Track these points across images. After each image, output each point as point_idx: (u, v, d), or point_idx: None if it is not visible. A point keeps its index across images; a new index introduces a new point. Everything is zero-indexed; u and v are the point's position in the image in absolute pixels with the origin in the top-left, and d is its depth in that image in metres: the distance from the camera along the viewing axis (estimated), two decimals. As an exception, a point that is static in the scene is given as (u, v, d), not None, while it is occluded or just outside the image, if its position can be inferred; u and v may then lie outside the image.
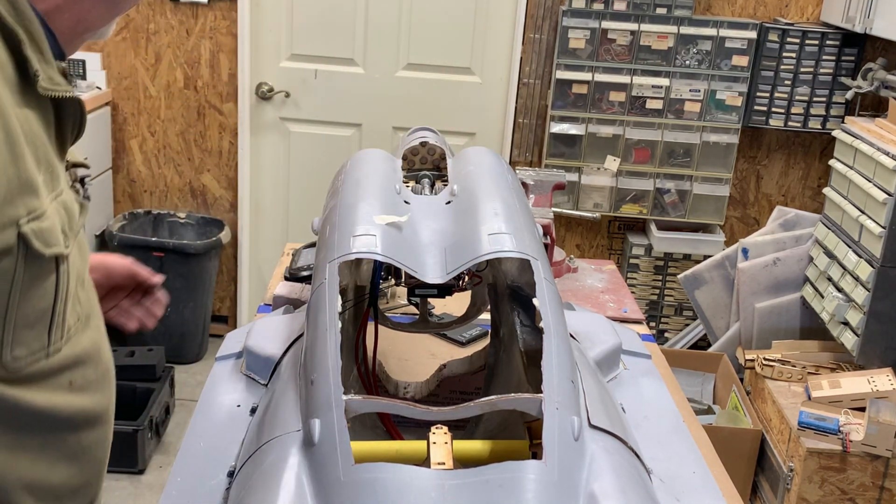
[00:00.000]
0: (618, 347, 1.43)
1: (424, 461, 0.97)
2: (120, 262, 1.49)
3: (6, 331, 0.95)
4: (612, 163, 3.56)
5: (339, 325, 1.07)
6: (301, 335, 1.35)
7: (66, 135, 1.04)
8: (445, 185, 1.51)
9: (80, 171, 1.12)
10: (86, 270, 1.12)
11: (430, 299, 1.70)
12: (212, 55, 3.67)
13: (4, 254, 0.91)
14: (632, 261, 3.72)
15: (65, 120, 1.03)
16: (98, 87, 3.66)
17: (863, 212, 2.89)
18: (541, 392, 0.99)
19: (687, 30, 3.44)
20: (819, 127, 3.55)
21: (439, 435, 0.99)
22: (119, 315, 1.54)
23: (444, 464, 0.95)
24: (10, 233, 0.91)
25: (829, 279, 3.06)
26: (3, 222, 0.90)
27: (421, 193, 1.48)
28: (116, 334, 1.33)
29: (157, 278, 1.53)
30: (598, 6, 3.42)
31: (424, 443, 0.99)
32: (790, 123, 3.55)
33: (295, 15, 3.64)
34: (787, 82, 3.50)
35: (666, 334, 3.80)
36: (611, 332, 1.45)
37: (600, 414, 1.04)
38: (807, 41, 3.45)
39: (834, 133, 3.20)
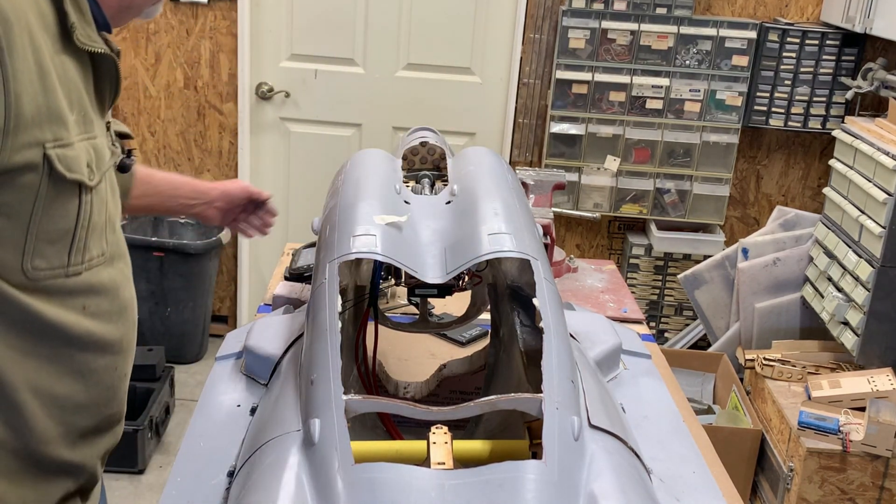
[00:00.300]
0: (618, 347, 1.43)
1: (424, 461, 0.97)
2: (236, 185, 1.83)
3: (28, 241, 1.09)
4: (612, 163, 3.56)
5: (339, 325, 1.07)
6: (301, 335, 1.35)
7: (104, 91, 1.19)
8: (445, 185, 1.51)
9: (126, 144, 1.32)
10: (117, 219, 1.26)
11: (430, 299, 1.70)
12: (212, 55, 3.67)
13: (30, 169, 1.05)
14: (632, 261, 3.73)
15: (102, 76, 1.18)
16: (98, 87, 3.66)
17: (863, 212, 2.89)
18: (541, 392, 0.99)
19: (687, 30, 3.44)
20: (819, 127, 3.55)
21: (439, 435, 0.99)
22: (239, 226, 1.88)
23: (444, 464, 0.95)
24: (36, 152, 1.05)
25: (829, 279, 3.06)
26: (30, 141, 1.04)
27: (421, 193, 1.48)
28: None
29: (267, 193, 1.87)
30: (598, 6, 3.42)
31: (424, 443, 0.99)
32: (790, 123, 3.55)
33: (295, 15, 3.64)
34: (787, 82, 3.50)
35: (666, 334, 3.80)
36: (611, 332, 1.45)
37: (600, 414, 1.04)
38: (807, 41, 3.45)
39: (834, 133, 3.20)
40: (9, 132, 1.03)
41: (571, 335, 1.33)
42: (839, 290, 2.99)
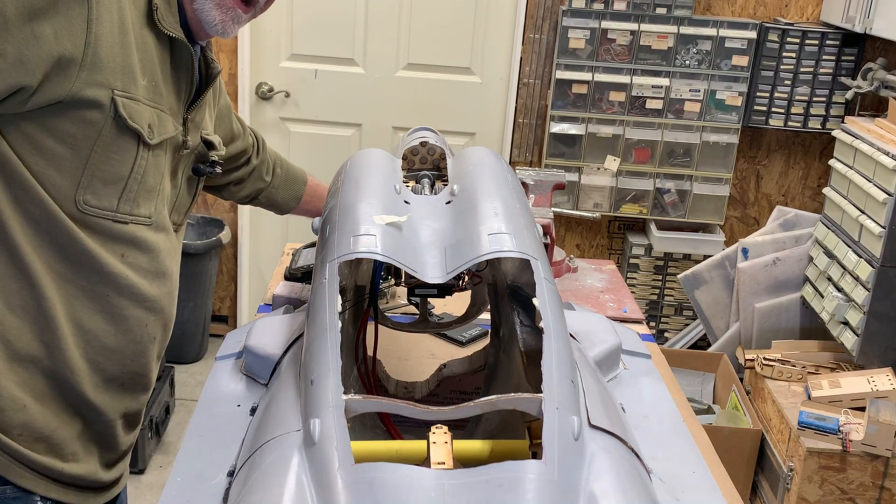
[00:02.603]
0: (618, 347, 1.43)
1: (424, 461, 0.97)
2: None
3: (84, 175, 1.19)
4: (612, 163, 3.56)
5: (339, 325, 1.07)
6: (301, 335, 1.35)
7: (181, 80, 1.30)
8: (445, 185, 1.51)
9: (212, 154, 1.43)
10: (173, 200, 1.36)
11: (430, 299, 1.70)
12: (212, 55, 3.67)
13: (97, 106, 1.16)
14: (632, 261, 3.73)
15: (179, 64, 1.28)
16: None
17: (863, 212, 2.89)
18: (541, 392, 0.99)
19: (687, 30, 3.44)
20: (819, 127, 3.55)
21: (439, 435, 0.99)
22: None
23: (444, 464, 0.95)
24: (105, 92, 1.16)
25: (829, 279, 3.06)
26: (102, 82, 1.16)
27: (421, 193, 1.48)
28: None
29: None
30: (598, 6, 3.42)
31: (424, 443, 0.99)
32: (790, 123, 3.55)
33: (295, 15, 3.64)
34: (787, 82, 3.50)
35: (666, 334, 3.80)
36: (611, 332, 1.45)
37: (600, 414, 1.04)
38: (807, 41, 3.45)
39: (834, 133, 3.20)
40: (85, 66, 1.14)
41: (571, 335, 1.33)
42: (839, 290, 2.99)
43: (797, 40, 3.45)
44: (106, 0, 1.15)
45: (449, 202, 1.34)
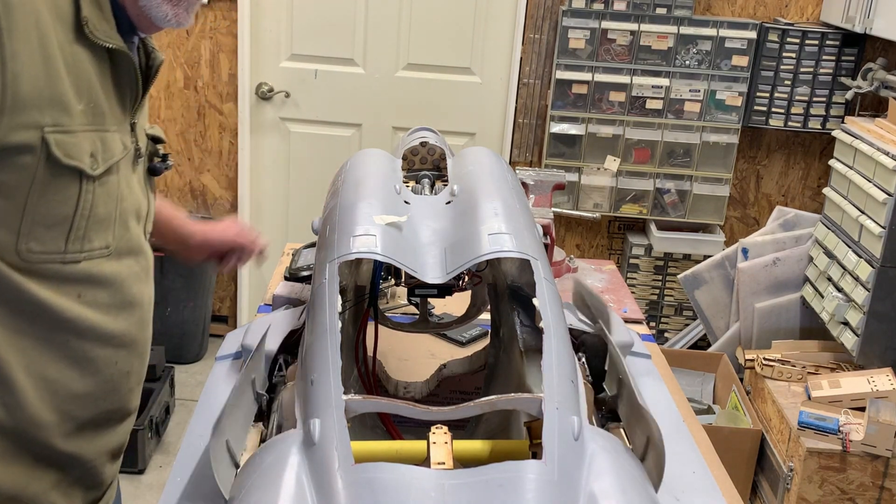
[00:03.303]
0: (629, 345, 1.43)
1: (424, 461, 0.97)
2: (221, 235, 1.74)
3: (23, 223, 1.09)
4: (612, 163, 3.56)
5: (339, 325, 1.07)
6: (299, 329, 1.35)
7: (124, 88, 1.20)
8: (445, 185, 1.51)
9: (160, 148, 1.34)
10: (140, 216, 1.27)
11: (430, 299, 1.70)
12: (212, 55, 3.67)
13: (26, 150, 1.06)
14: (632, 261, 3.73)
15: (121, 73, 1.18)
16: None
17: (863, 212, 2.89)
18: (541, 392, 0.99)
19: (687, 30, 3.44)
20: (819, 127, 3.55)
21: (439, 435, 0.99)
22: (222, 268, 1.81)
23: (444, 464, 0.95)
24: (33, 134, 1.06)
25: (829, 279, 3.06)
26: (28, 123, 1.06)
27: (421, 193, 1.48)
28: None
29: (261, 243, 1.80)
30: (598, 6, 3.42)
31: (424, 443, 0.99)
32: (790, 123, 3.55)
33: (295, 15, 3.64)
34: (787, 82, 3.50)
35: (666, 334, 3.80)
36: (624, 331, 1.45)
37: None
38: (807, 41, 3.45)
39: (834, 133, 3.20)
40: (5, 111, 1.04)
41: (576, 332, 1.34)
42: (839, 290, 2.99)
43: (797, 40, 3.45)
44: (21, 32, 1.04)
45: (449, 202, 1.34)
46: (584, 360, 1.33)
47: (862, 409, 2.68)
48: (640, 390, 1.10)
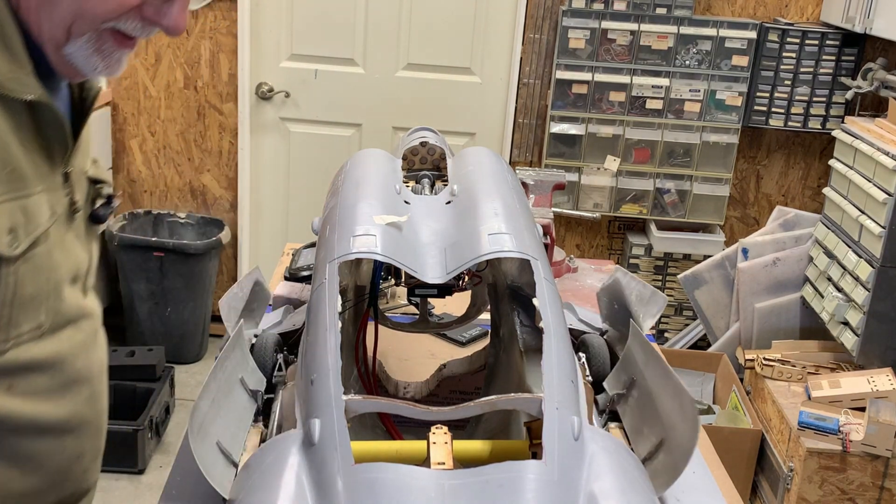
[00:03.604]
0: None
1: (424, 461, 0.97)
2: None
3: None
4: (612, 163, 3.56)
5: (339, 325, 1.07)
6: (296, 329, 1.35)
7: (51, 140, 1.01)
8: (445, 185, 1.51)
9: (105, 189, 1.15)
10: (82, 270, 1.10)
11: (430, 299, 1.70)
12: (212, 55, 3.67)
13: None
14: (632, 261, 3.72)
15: (43, 124, 0.99)
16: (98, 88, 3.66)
17: (863, 212, 2.89)
18: (541, 392, 0.99)
19: (687, 30, 3.44)
20: (819, 127, 3.55)
21: (439, 435, 0.99)
22: None
23: (444, 464, 0.95)
24: None
25: (829, 279, 3.06)
26: None
27: (421, 193, 1.48)
28: (116, 334, 1.35)
29: None
30: (598, 6, 3.42)
31: (424, 443, 0.99)
32: (790, 123, 3.55)
33: (295, 15, 3.64)
34: (787, 82, 3.50)
35: (666, 334, 3.80)
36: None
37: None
38: (807, 41, 3.45)
39: (834, 133, 3.20)
40: None
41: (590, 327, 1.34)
42: (839, 290, 2.99)
43: (797, 40, 3.45)
44: None
45: (449, 202, 1.34)
46: (584, 360, 1.33)
47: (862, 409, 2.67)
48: (671, 369, 1.10)
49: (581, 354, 1.34)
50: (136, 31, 1.00)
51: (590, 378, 1.30)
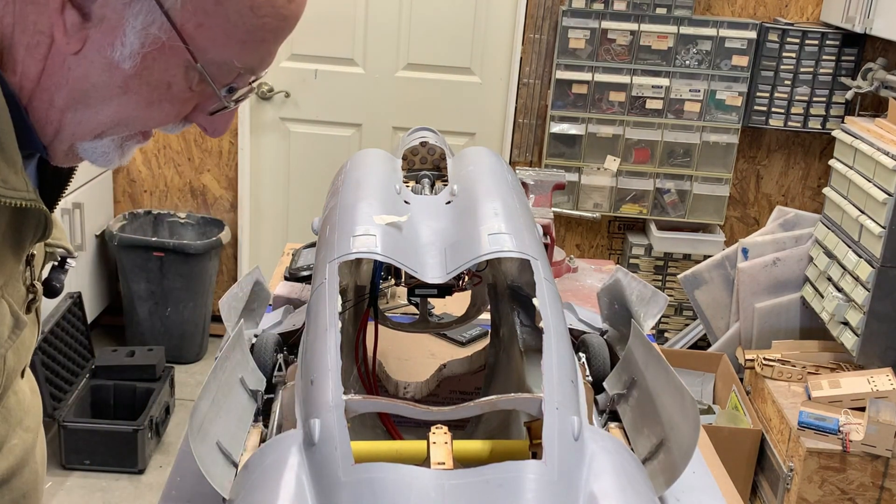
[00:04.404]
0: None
1: (424, 461, 0.97)
2: None
3: None
4: (612, 163, 3.56)
5: (339, 325, 1.07)
6: (296, 330, 1.35)
7: (25, 240, 0.90)
8: (445, 185, 1.51)
9: (60, 252, 1.02)
10: (18, 373, 0.98)
11: (430, 299, 1.70)
12: (212, 55, 3.66)
13: None
14: (632, 261, 3.72)
15: (23, 223, 0.88)
16: (98, 87, 3.66)
17: (863, 212, 2.89)
18: (541, 392, 0.99)
19: (687, 30, 3.44)
20: (819, 127, 3.55)
21: (439, 435, 0.99)
22: None
23: (444, 464, 0.95)
24: None
25: (829, 279, 3.06)
26: None
27: (421, 193, 1.48)
28: (116, 334, 1.33)
29: None
30: (598, 6, 3.42)
31: (424, 443, 0.99)
32: (790, 123, 3.55)
33: (295, 15, 3.64)
34: (787, 82, 3.50)
35: (666, 334, 3.80)
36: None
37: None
38: (807, 41, 3.45)
39: (834, 133, 3.20)
40: None
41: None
42: (839, 290, 2.99)
43: (797, 40, 3.45)
44: None
45: (449, 202, 1.34)
46: (584, 360, 1.33)
47: (862, 409, 2.67)
48: (672, 369, 1.10)
49: (581, 354, 1.34)
50: (172, 130, 0.92)
51: (590, 378, 1.30)
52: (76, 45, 0.78)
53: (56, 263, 1.02)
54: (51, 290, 1.02)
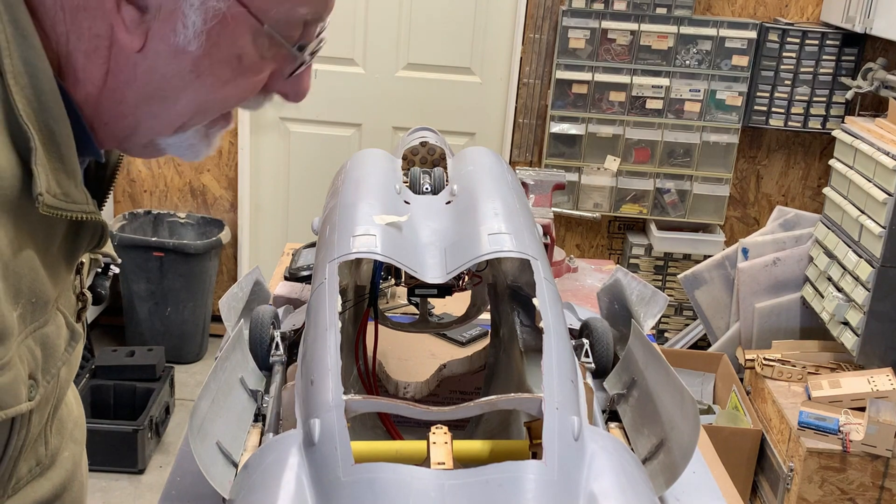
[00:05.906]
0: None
1: (424, 461, 0.97)
2: None
3: None
4: (612, 163, 3.56)
5: (339, 325, 1.07)
6: (297, 329, 1.35)
7: (79, 249, 0.87)
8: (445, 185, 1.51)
9: (105, 259, 1.00)
10: (69, 385, 0.96)
11: (430, 299, 1.70)
12: (212, 55, 3.66)
13: None
14: (632, 261, 3.72)
15: (79, 235, 0.85)
16: (98, 87, 3.66)
17: (863, 212, 2.89)
18: (541, 392, 0.99)
19: (687, 30, 3.44)
20: (819, 127, 3.55)
21: (439, 435, 0.99)
22: None
23: (443, 464, 0.94)
24: None
25: (829, 279, 3.06)
26: None
27: (420, 185, 1.47)
28: (116, 334, 1.34)
29: None
30: (598, 6, 3.42)
31: (424, 443, 0.99)
32: (790, 123, 3.55)
33: (295, 15, 3.64)
34: (787, 82, 3.50)
35: (666, 334, 3.80)
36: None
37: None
38: (807, 41, 3.45)
39: (834, 133, 3.20)
40: None
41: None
42: (839, 290, 2.99)
43: (797, 40, 3.45)
44: None
45: (449, 202, 1.34)
46: (587, 345, 1.33)
47: (862, 409, 2.67)
48: (672, 369, 1.10)
49: (584, 340, 1.34)
50: (255, 106, 0.89)
51: (592, 365, 1.30)
52: (139, 40, 0.77)
53: (100, 270, 1.01)
54: (97, 297, 1.00)
